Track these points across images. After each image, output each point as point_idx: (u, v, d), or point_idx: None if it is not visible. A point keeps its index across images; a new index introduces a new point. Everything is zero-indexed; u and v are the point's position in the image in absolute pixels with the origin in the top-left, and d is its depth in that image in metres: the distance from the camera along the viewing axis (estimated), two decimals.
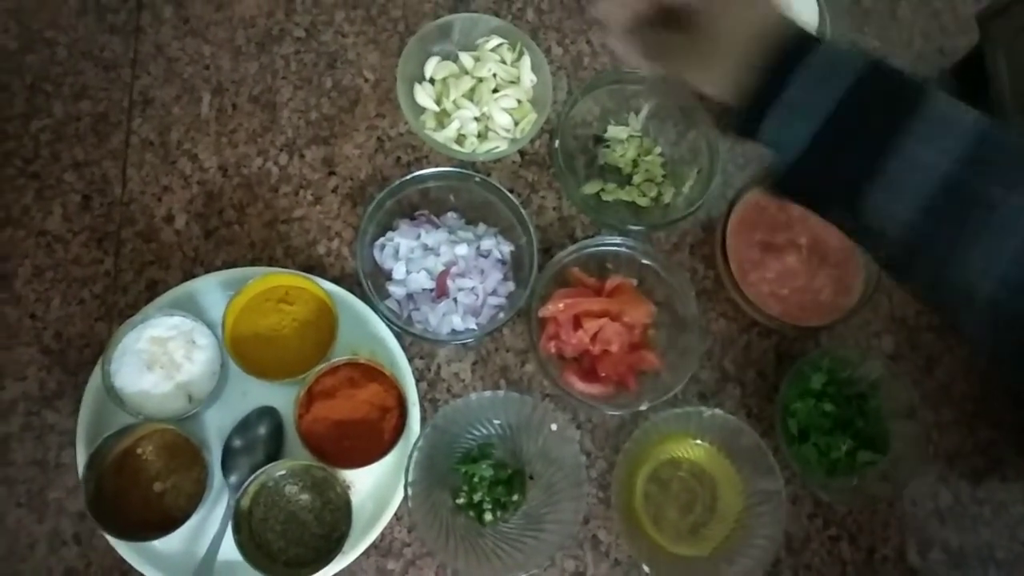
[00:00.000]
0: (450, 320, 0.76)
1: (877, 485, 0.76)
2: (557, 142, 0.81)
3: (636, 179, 0.85)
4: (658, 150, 0.86)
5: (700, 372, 0.81)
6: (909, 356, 0.83)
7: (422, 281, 0.77)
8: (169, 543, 0.69)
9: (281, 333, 0.74)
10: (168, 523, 0.67)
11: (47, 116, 0.82)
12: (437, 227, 0.79)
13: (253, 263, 0.79)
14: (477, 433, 0.76)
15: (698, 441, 0.77)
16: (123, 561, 0.69)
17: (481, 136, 0.83)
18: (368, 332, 0.76)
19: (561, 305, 0.76)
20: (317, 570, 0.68)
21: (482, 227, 0.81)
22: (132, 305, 0.77)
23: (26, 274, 0.78)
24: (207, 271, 0.77)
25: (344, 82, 0.86)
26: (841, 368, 0.79)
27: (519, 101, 0.84)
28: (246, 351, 0.72)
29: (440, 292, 0.77)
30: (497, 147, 0.82)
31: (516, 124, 0.84)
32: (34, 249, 0.78)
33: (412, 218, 0.80)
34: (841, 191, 0.51)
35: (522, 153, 0.85)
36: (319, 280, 0.74)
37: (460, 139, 0.83)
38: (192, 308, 0.73)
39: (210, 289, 0.76)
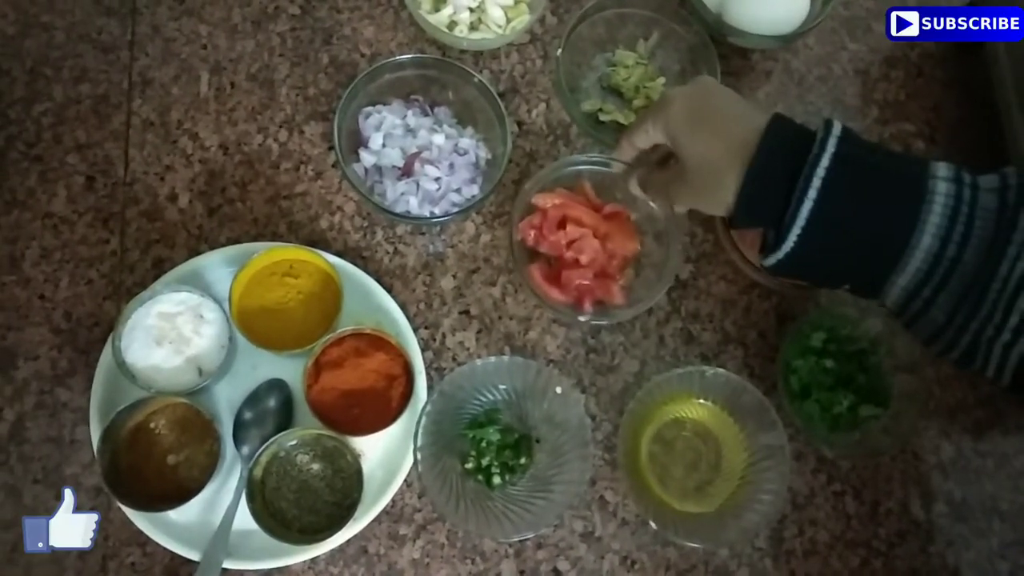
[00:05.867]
0: (407, 200, 0.78)
1: (879, 439, 0.77)
2: (560, 51, 0.82)
3: (636, 103, 0.86)
4: (661, 80, 0.87)
5: (702, 334, 0.81)
6: None
7: (394, 158, 0.79)
8: (185, 514, 0.70)
9: (287, 306, 0.74)
10: (183, 494, 0.68)
11: (48, 99, 0.83)
12: (426, 115, 0.82)
13: (257, 239, 0.80)
14: (484, 398, 0.77)
15: (701, 400, 0.77)
16: (140, 533, 0.70)
17: (472, 27, 0.86)
18: (372, 304, 0.77)
19: (557, 200, 0.78)
20: (330, 536, 0.69)
21: (469, 130, 0.83)
22: (139, 283, 0.78)
23: (34, 256, 0.79)
24: (211, 248, 0.78)
25: (341, 58, 0.87)
26: (841, 326, 0.79)
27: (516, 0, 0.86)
28: (253, 324, 0.73)
29: (405, 171, 0.79)
30: (485, 38, 0.85)
31: (508, 22, 0.86)
32: (40, 231, 0.79)
33: (407, 100, 0.82)
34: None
35: (520, 123, 0.86)
36: (323, 253, 0.75)
37: (451, 25, 0.85)
38: (198, 284, 0.74)
39: (215, 265, 0.77)
